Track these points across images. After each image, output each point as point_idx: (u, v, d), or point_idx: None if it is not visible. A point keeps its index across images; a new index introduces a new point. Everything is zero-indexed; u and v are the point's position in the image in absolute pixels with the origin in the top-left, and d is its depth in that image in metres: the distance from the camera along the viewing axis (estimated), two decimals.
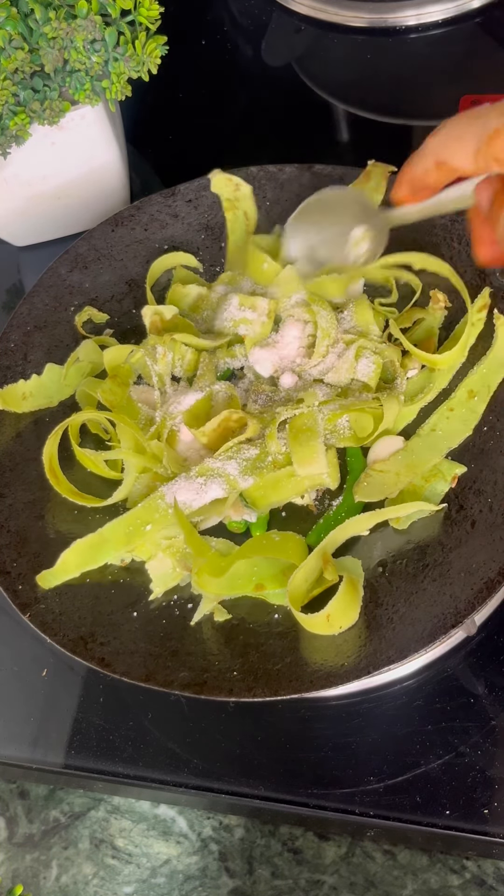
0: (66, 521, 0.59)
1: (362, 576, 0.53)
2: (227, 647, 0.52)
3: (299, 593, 0.52)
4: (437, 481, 0.56)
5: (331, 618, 0.51)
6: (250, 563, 0.54)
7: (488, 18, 0.84)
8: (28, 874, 0.59)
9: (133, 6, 0.64)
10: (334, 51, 0.87)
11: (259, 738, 0.56)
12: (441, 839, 0.53)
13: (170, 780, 0.56)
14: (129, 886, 0.58)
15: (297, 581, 0.52)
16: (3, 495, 0.59)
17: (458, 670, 0.56)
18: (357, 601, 0.52)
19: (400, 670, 0.56)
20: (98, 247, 0.69)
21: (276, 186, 0.69)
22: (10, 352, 0.64)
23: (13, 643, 0.62)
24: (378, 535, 0.55)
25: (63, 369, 0.63)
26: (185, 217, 0.69)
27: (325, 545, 0.54)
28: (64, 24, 0.62)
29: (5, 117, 0.64)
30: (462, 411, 0.58)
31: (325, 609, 0.51)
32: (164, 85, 0.69)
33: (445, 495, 0.55)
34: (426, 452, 0.57)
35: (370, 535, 0.55)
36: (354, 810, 0.53)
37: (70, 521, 0.58)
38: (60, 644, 0.53)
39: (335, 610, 0.51)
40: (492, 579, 0.50)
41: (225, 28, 0.91)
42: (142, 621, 0.54)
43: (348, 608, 0.51)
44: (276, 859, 0.57)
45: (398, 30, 0.84)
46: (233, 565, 0.53)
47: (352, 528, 0.55)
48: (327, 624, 0.51)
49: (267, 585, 0.53)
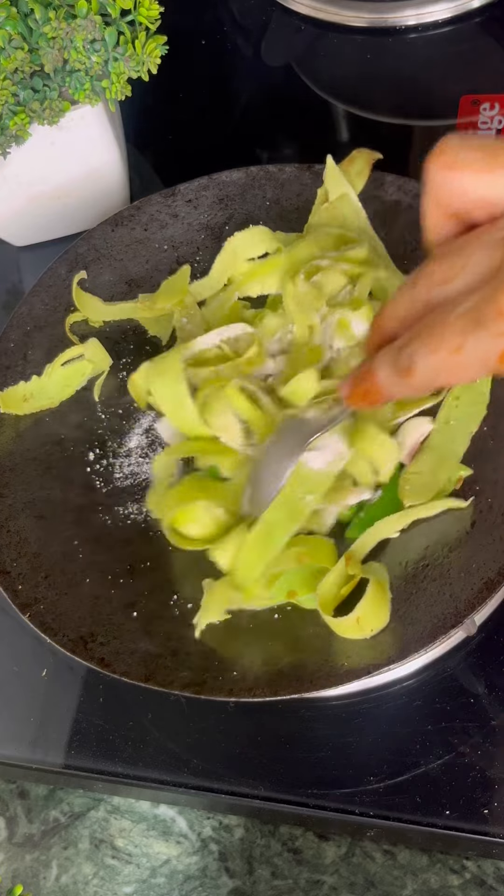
0: (67, 521, 0.59)
1: (388, 579, 0.52)
2: (227, 647, 0.52)
3: (329, 597, 0.52)
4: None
5: (360, 620, 0.50)
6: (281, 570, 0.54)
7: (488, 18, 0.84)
8: (28, 874, 0.59)
9: (133, 6, 0.64)
10: (334, 51, 0.87)
11: (259, 738, 0.56)
12: (441, 839, 0.53)
13: (170, 780, 0.56)
14: (129, 886, 0.58)
15: (328, 586, 0.52)
16: (2, 495, 0.59)
17: (458, 670, 0.56)
18: (386, 603, 0.51)
19: (400, 670, 0.55)
20: (98, 247, 0.69)
21: (276, 186, 0.69)
22: (10, 352, 0.64)
23: (13, 643, 0.62)
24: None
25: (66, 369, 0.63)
26: (185, 217, 0.69)
27: (355, 549, 0.53)
28: (64, 23, 0.62)
29: (5, 117, 0.64)
30: (469, 396, 0.58)
31: (354, 612, 0.50)
32: (164, 85, 0.69)
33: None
34: (450, 444, 0.56)
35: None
36: (354, 810, 0.53)
37: (70, 521, 0.59)
38: (60, 644, 0.53)
39: (364, 613, 0.50)
40: (492, 579, 0.50)
41: (225, 28, 0.91)
42: (142, 621, 0.54)
43: (378, 610, 0.51)
44: (276, 859, 0.57)
45: (398, 30, 0.84)
46: (272, 580, 0.53)
47: (383, 530, 0.54)
48: (357, 627, 0.50)
49: (299, 591, 0.53)
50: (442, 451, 0.56)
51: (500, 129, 0.76)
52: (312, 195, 0.67)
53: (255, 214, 0.68)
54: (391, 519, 0.54)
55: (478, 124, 0.76)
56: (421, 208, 0.40)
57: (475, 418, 0.57)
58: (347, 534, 0.55)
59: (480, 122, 0.76)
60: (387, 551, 0.55)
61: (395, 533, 0.55)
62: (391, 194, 0.66)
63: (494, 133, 0.76)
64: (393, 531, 0.55)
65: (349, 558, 0.52)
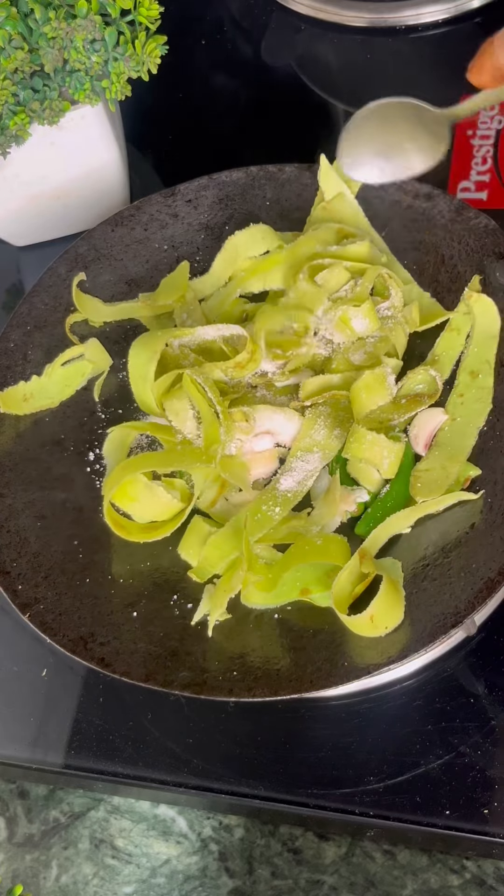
0: (67, 521, 0.59)
1: (402, 576, 0.52)
2: (227, 647, 0.52)
3: (343, 595, 0.52)
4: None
5: (374, 619, 0.50)
6: (294, 570, 0.53)
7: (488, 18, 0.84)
8: (28, 874, 0.59)
9: (133, 6, 0.64)
10: (334, 51, 0.87)
11: (259, 738, 0.56)
12: (441, 839, 0.53)
13: (170, 780, 0.56)
14: (129, 886, 0.58)
15: (342, 583, 0.51)
16: (2, 495, 0.59)
17: (458, 670, 0.56)
18: (400, 600, 0.51)
19: (400, 670, 0.55)
20: (98, 247, 0.69)
21: (276, 186, 0.69)
22: (10, 352, 0.64)
23: (13, 643, 0.62)
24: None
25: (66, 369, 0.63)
26: (185, 217, 0.69)
27: (368, 545, 0.53)
28: (64, 23, 0.62)
29: (5, 117, 0.64)
30: (472, 392, 0.58)
31: (367, 610, 0.50)
32: (164, 85, 0.69)
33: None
34: (458, 439, 0.57)
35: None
36: (354, 810, 0.53)
37: (70, 521, 0.59)
38: (60, 644, 0.53)
39: (378, 611, 0.50)
40: (492, 579, 0.50)
41: (225, 28, 0.91)
42: (142, 621, 0.54)
43: (392, 608, 0.50)
44: (276, 859, 0.57)
45: (398, 30, 0.84)
46: (281, 578, 0.53)
47: (394, 525, 0.54)
48: (371, 625, 0.50)
49: (312, 589, 0.53)
50: (451, 448, 0.56)
51: (500, 129, 0.76)
52: (312, 195, 0.67)
53: (255, 214, 0.68)
54: (402, 514, 0.54)
55: (477, 124, 0.76)
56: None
57: (481, 413, 0.57)
58: (357, 530, 0.55)
59: (480, 121, 0.76)
60: (388, 551, 0.55)
61: (407, 528, 0.55)
62: (391, 194, 0.66)
63: (494, 133, 0.76)
64: (405, 526, 0.55)
65: (363, 555, 0.52)
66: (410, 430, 0.58)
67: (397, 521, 0.54)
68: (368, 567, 0.52)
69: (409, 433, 0.58)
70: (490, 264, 0.61)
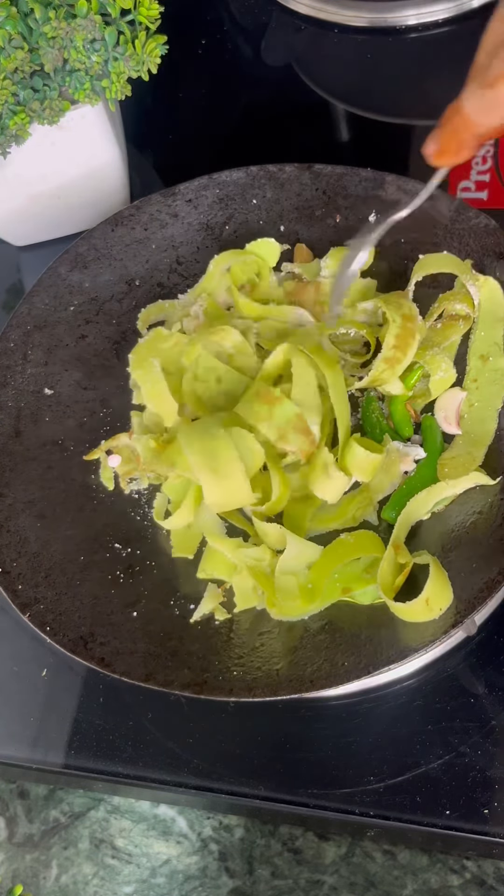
0: (67, 521, 0.59)
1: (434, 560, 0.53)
2: (227, 647, 0.52)
3: (388, 583, 0.52)
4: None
5: (430, 601, 0.50)
6: (333, 572, 0.54)
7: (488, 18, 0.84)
8: (28, 874, 0.59)
9: (133, 6, 0.64)
10: (334, 51, 0.87)
11: (259, 738, 0.56)
12: (441, 839, 0.53)
13: (170, 780, 0.56)
14: (129, 886, 0.58)
15: (385, 572, 0.52)
16: (2, 495, 0.59)
17: (458, 670, 0.56)
18: (448, 581, 0.51)
19: (400, 670, 0.55)
20: (98, 246, 0.69)
21: (276, 186, 0.69)
22: (10, 351, 0.64)
23: (13, 643, 0.62)
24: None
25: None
26: (185, 217, 0.69)
27: (397, 536, 0.54)
28: (64, 23, 0.62)
29: (5, 117, 0.64)
30: (486, 375, 0.58)
31: (422, 594, 0.50)
32: (164, 85, 0.69)
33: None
34: (479, 424, 0.57)
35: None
36: (354, 810, 0.53)
37: (70, 521, 0.59)
38: (60, 644, 0.53)
39: (433, 593, 0.50)
40: (492, 579, 0.50)
41: (225, 28, 0.91)
42: (142, 621, 0.54)
43: (444, 589, 0.51)
44: (276, 859, 0.57)
45: (398, 30, 0.84)
46: (322, 585, 0.53)
47: (415, 510, 0.55)
48: (427, 608, 0.50)
49: (353, 587, 0.53)
50: (473, 433, 0.57)
51: None
52: (312, 195, 0.67)
53: (255, 214, 0.69)
54: (421, 496, 0.55)
55: None
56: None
57: (498, 395, 0.58)
58: (383, 514, 0.56)
59: None
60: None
61: (427, 514, 0.55)
62: (391, 194, 0.66)
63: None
64: (424, 510, 0.55)
65: (396, 546, 0.53)
66: (437, 414, 0.59)
67: (416, 505, 0.55)
68: (404, 556, 0.52)
69: (437, 416, 0.58)
70: (490, 264, 0.61)
